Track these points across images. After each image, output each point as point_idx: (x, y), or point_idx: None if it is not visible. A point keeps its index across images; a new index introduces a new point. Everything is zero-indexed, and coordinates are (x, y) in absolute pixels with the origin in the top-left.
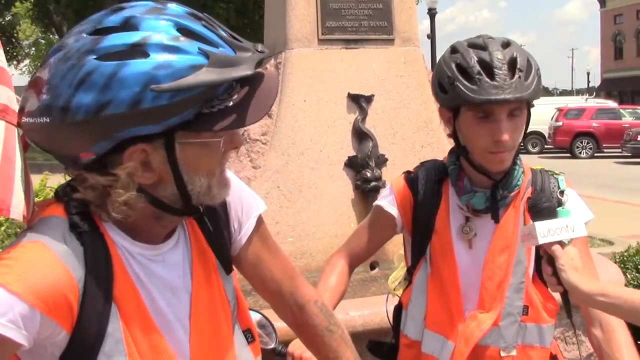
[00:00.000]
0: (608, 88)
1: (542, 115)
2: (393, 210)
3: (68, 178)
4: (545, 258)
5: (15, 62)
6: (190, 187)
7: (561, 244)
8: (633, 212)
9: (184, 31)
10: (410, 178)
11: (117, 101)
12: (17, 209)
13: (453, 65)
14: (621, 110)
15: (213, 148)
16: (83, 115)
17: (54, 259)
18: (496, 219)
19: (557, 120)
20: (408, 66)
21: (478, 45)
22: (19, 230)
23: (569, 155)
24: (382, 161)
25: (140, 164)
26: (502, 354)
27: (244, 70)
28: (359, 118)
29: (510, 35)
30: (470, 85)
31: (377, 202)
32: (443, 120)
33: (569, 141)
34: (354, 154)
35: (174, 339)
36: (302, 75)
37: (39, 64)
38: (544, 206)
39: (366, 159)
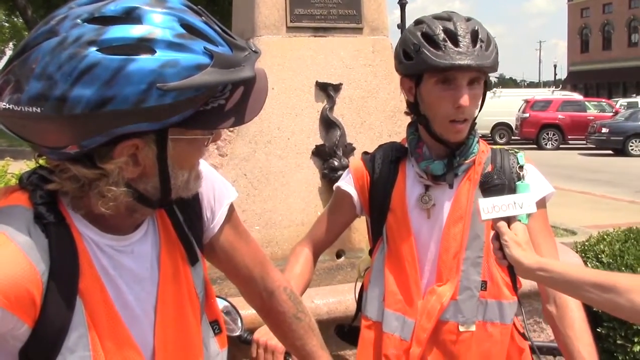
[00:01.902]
0: (574, 81)
1: (510, 106)
2: (350, 190)
3: (30, 164)
4: (493, 234)
5: None
6: (172, 182)
7: (512, 220)
8: (596, 202)
9: (188, 27)
10: (367, 158)
11: (121, 97)
12: None
13: (419, 34)
14: (586, 103)
15: (201, 144)
16: (82, 109)
17: (16, 252)
18: (450, 184)
19: (524, 112)
20: (376, 55)
21: (443, 17)
22: None
23: (535, 146)
24: (349, 150)
25: (129, 158)
26: (461, 328)
27: (246, 72)
28: (326, 107)
29: None
30: (435, 51)
31: (336, 184)
32: (404, 90)
33: (535, 132)
34: (322, 142)
35: (140, 332)
36: (270, 63)
37: (2, 48)
38: (494, 183)
39: (334, 148)
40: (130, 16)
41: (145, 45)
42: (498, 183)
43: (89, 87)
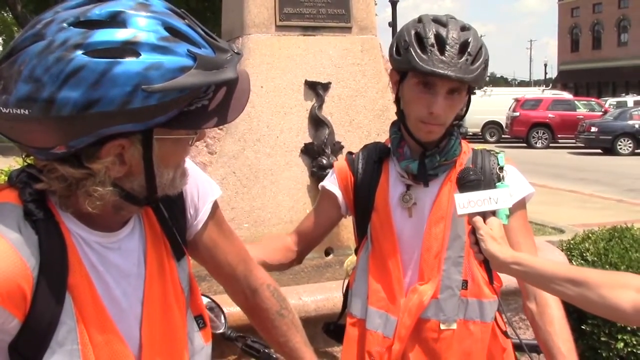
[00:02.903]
0: (564, 80)
1: (500, 105)
2: (335, 189)
3: (19, 161)
4: (470, 228)
5: None
6: (158, 180)
7: (487, 215)
8: (584, 201)
9: (172, 30)
10: (351, 158)
11: (107, 99)
12: None
13: (413, 32)
14: (576, 102)
15: (185, 143)
16: (69, 111)
17: (8, 247)
18: (425, 183)
19: (514, 111)
20: (365, 54)
21: (440, 21)
22: None
23: (525, 145)
24: (338, 148)
25: (116, 157)
26: (442, 327)
27: (228, 74)
28: (315, 105)
29: (471, 24)
30: (421, 54)
31: (321, 184)
32: (391, 82)
33: (525, 131)
34: (310, 140)
35: (127, 327)
36: (259, 62)
37: None
38: (470, 179)
39: (322, 146)
40: (115, 20)
41: (130, 48)
42: (474, 179)
43: (76, 90)
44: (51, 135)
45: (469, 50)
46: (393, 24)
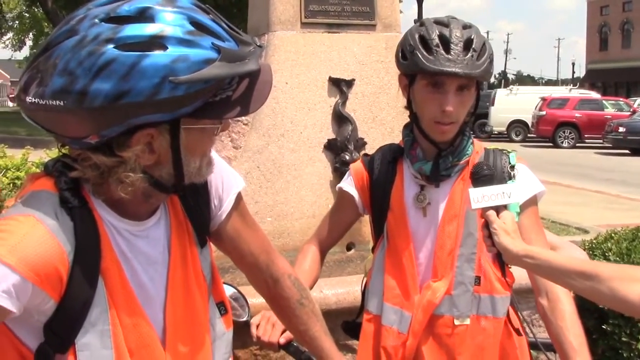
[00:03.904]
0: (592, 79)
1: (526, 104)
2: (352, 191)
3: (50, 153)
4: (483, 222)
5: None
6: (185, 168)
7: (500, 209)
8: (610, 202)
9: (197, 25)
10: (367, 160)
11: (136, 90)
12: None
13: (416, 36)
14: (604, 102)
15: (211, 132)
16: (101, 101)
17: (45, 233)
18: (437, 183)
19: (540, 110)
20: (389, 52)
21: (442, 22)
22: None
23: (551, 144)
24: (360, 144)
25: (145, 146)
26: (456, 322)
27: (251, 66)
28: (339, 102)
29: (499, 23)
30: (427, 55)
31: (339, 185)
32: (400, 87)
33: (551, 131)
34: (334, 136)
35: (153, 311)
36: (284, 58)
37: (22, 38)
38: (483, 174)
39: (345, 142)
40: (144, 15)
41: (158, 42)
42: (487, 173)
43: (107, 82)
44: (84, 125)
45: (473, 46)
46: (420, 22)
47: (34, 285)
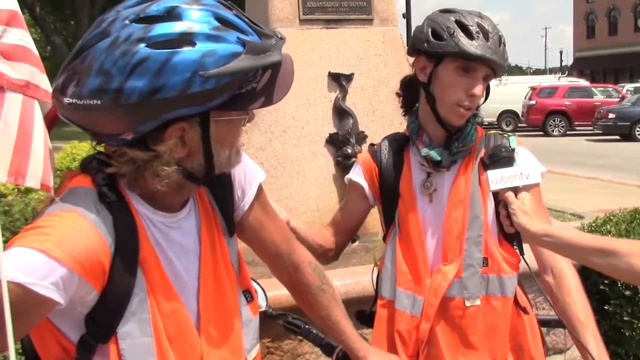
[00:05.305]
0: (580, 67)
1: (516, 94)
2: (361, 180)
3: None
4: (502, 202)
5: None
6: (215, 159)
7: (518, 190)
8: (603, 187)
9: (222, 20)
10: (374, 150)
11: (169, 86)
12: (34, 177)
13: (452, 20)
14: (593, 89)
15: (238, 123)
16: (136, 98)
17: (89, 227)
18: (448, 167)
19: (530, 99)
20: (386, 45)
21: (474, 13)
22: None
23: (542, 133)
24: (362, 138)
25: (178, 140)
26: (467, 303)
27: (274, 57)
28: (339, 96)
29: (484, 12)
30: (469, 39)
31: (347, 176)
32: (416, 68)
33: (542, 119)
34: (335, 131)
35: (187, 299)
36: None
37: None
38: (502, 156)
39: (347, 136)
40: (172, 14)
41: (187, 38)
42: (506, 155)
43: (141, 79)
44: (121, 122)
45: (503, 41)
46: (407, 15)
47: (80, 277)
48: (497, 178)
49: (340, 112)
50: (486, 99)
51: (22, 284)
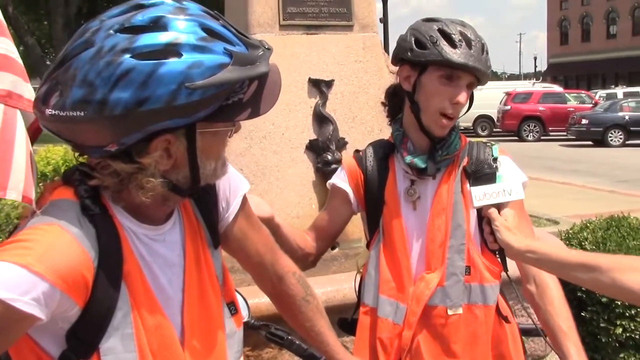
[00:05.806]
0: (554, 73)
1: (491, 99)
2: (345, 186)
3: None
4: (485, 219)
5: None
6: (201, 171)
7: (501, 206)
8: (577, 192)
9: (208, 31)
10: (359, 156)
11: (155, 97)
12: (16, 190)
13: (435, 28)
14: (566, 95)
15: (224, 135)
16: (121, 110)
17: (71, 240)
18: (434, 175)
19: (505, 104)
20: (367, 52)
21: (457, 22)
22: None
23: (516, 138)
24: (342, 144)
25: (163, 152)
26: (449, 312)
27: (262, 68)
28: (319, 102)
29: (459, 18)
30: (452, 48)
31: (330, 181)
32: (400, 78)
33: (516, 124)
34: (315, 137)
35: (172, 313)
36: None
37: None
38: (485, 172)
39: (327, 142)
40: (157, 24)
41: (173, 49)
42: (488, 172)
43: (126, 90)
44: (105, 133)
45: (486, 49)
46: (384, 20)
47: (62, 292)
48: (480, 195)
49: (321, 119)
50: (470, 107)
51: (2, 300)
